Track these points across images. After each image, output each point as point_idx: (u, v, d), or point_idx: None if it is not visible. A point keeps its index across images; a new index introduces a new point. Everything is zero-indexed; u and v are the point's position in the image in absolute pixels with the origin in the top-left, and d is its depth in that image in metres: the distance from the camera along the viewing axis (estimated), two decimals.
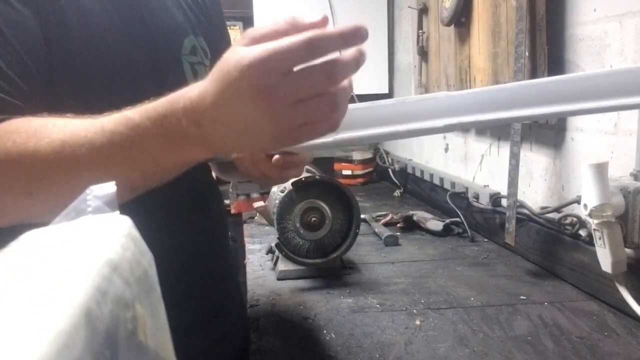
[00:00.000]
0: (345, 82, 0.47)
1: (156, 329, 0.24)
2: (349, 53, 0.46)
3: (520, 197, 1.14)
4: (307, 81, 0.44)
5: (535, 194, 1.16)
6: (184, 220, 0.76)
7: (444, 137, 1.69)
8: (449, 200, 1.44)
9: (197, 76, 0.75)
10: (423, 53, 1.76)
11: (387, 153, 2.21)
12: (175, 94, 0.49)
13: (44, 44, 0.57)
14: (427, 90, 1.75)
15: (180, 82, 0.72)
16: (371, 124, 0.53)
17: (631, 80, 0.48)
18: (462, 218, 1.36)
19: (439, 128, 0.52)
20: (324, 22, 0.46)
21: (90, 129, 0.49)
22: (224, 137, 0.47)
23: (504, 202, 1.23)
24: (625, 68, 0.48)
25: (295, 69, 0.44)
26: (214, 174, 0.92)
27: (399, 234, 1.34)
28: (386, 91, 2.32)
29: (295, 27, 0.46)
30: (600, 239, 0.82)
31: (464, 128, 0.51)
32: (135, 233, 0.26)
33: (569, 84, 0.50)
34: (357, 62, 0.46)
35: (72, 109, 0.57)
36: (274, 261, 1.13)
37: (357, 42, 0.45)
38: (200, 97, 0.46)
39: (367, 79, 2.29)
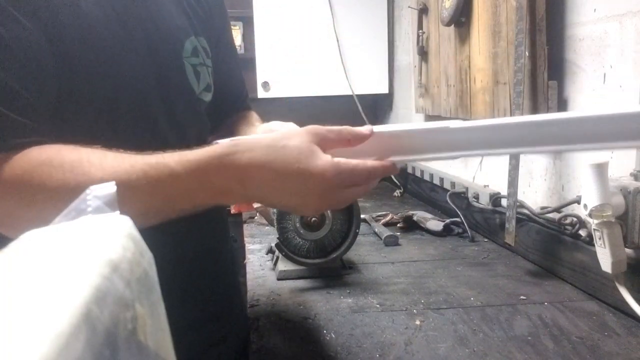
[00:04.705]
0: None
1: (156, 329, 0.24)
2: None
3: (520, 197, 1.14)
4: (352, 194, 0.56)
5: (535, 194, 1.16)
6: (183, 220, 0.76)
7: None
8: (449, 200, 1.44)
9: (199, 78, 0.75)
10: (423, 53, 1.76)
11: None
12: (218, 149, 0.52)
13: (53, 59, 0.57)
14: (427, 91, 1.75)
15: (183, 84, 0.73)
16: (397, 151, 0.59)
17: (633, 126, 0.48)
18: (462, 218, 1.36)
19: (453, 157, 0.58)
20: (370, 132, 0.57)
21: (130, 172, 0.51)
22: (262, 200, 0.57)
23: (504, 202, 1.23)
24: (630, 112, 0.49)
25: None
26: None
27: (399, 234, 1.34)
28: (386, 91, 2.32)
29: (356, 137, 0.57)
30: (600, 239, 0.82)
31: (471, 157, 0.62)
32: (135, 233, 0.26)
33: (573, 125, 0.51)
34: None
35: (76, 119, 0.57)
36: (274, 261, 1.13)
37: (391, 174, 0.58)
38: (251, 165, 0.51)
39: (367, 79, 2.30)
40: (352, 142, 0.56)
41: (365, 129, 0.57)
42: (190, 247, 0.76)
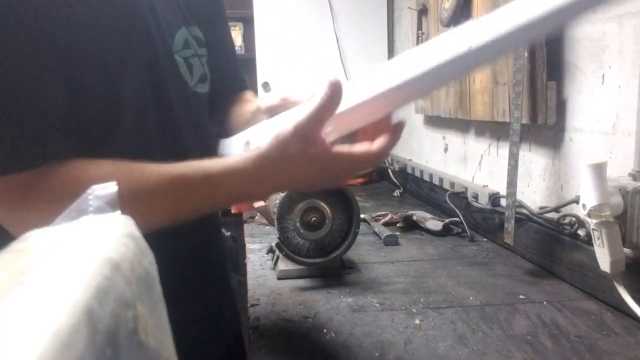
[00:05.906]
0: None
1: (157, 328, 0.24)
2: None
3: (519, 197, 1.14)
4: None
5: (534, 194, 1.16)
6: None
7: (444, 138, 1.69)
8: (448, 200, 1.44)
9: (191, 70, 0.75)
10: None
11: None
12: (247, 154, 0.59)
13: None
14: None
15: (177, 79, 0.72)
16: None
17: None
18: (462, 218, 1.36)
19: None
20: (334, 83, 0.57)
21: (168, 179, 0.58)
22: (280, 185, 0.62)
23: (503, 202, 1.23)
24: None
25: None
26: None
27: (398, 233, 1.35)
28: None
29: (330, 102, 0.56)
30: (598, 238, 0.83)
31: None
32: (136, 232, 0.26)
33: None
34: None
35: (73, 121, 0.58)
36: (274, 261, 1.13)
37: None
38: (261, 158, 0.57)
39: None
40: (333, 107, 0.56)
41: (329, 83, 0.56)
42: (178, 245, 0.75)
